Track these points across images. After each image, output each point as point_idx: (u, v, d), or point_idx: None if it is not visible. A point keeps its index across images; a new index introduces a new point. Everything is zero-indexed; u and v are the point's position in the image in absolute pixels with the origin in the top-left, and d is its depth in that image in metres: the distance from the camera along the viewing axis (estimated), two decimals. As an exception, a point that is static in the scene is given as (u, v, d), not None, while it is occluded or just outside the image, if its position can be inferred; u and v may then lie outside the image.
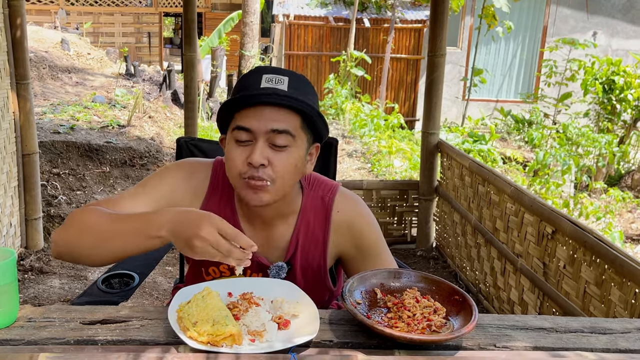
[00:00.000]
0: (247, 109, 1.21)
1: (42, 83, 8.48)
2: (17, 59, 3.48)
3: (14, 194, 3.60)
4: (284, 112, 1.21)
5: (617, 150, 7.34)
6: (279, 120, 1.20)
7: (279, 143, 1.21)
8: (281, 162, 1.22)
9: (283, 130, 1.20)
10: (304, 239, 1.37)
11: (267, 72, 1.23)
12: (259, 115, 1.20)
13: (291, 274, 1.37)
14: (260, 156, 1.20)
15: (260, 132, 1.20)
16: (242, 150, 1.22)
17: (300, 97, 1.22)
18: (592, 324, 1.24)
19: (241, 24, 10.82)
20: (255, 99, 1.20)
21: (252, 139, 1.22)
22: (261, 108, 1.20)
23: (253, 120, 1.20)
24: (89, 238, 1.20)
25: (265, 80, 1.21)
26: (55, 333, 1.09)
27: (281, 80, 1.21)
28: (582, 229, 2.28)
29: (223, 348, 1.05)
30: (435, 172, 4.10)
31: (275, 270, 1.35)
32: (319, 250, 1.38)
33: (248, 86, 1.22)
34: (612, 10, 11.18)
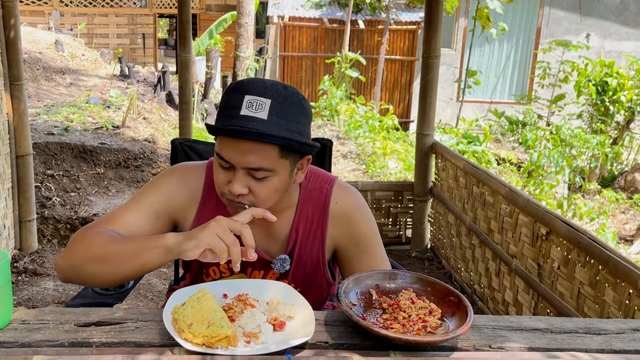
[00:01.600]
0: (226, 138, 1.21)
1: (36, 84, 8.44)
2: (11, 60, 3.47)
3: (8, 196, 3.58)
4: (260, 146, 1.19)
5: (609, 152, 7.38)
6: (254, 155, 1.19)
7: (258, 176, 1.22)
8: (261, 190, 1.23)
9: (257, 168, 1.20)
10: (302, 232, 1.37)
11: (249, 92, 1.18)
12: (235, 148, 1.19)
13: (292, 266, 1.38)
14: (239, 187, 1.21)
15: (238, 165, 1.21)
16: (224, 174, 1.24)
17: (280, 127, 1.18)
18: (587, 325, 1.25)
19: (236, 25, 10.82)
20: (231, 133, 1.18)
21: (231, 166, 1.22)
22: (238, 141, 1.19)
23: (230, 152, 1.20)
24: (93, 261, 1.20)
25: (246, 104, 1.17)
26: (50, 335, 1.09)
27: (262, 106, 1.17)
28: (576, 229, 2.29)
29: (218, 350, 1.05)
30: (430, 174, 4.11)
31: (279, 263, 1.35)
32: (318, 242, 1.38)
33: (230, 108, 1.20)
34: (605, 12, 11.23)
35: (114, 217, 1.29)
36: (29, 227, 3.77)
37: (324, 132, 8.85)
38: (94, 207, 4.75)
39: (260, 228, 1.36)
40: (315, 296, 1.44)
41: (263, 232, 1.37)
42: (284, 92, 1.20)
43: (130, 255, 1.18)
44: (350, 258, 1.41)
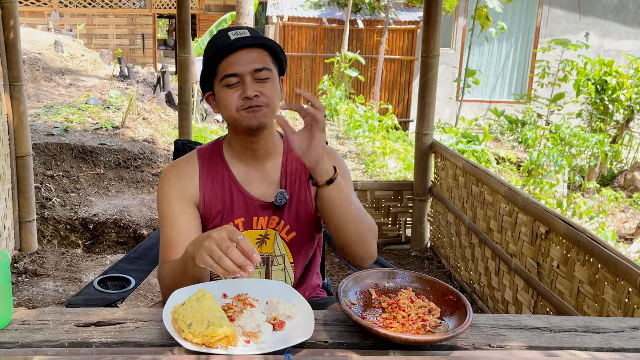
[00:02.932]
0: (228, 58, 1.45)
1: (35, 85, 8.44)
2: (11, 61, 3.47)
3: (8, 197, 3.59)
4: (257, 52, 1.46)
5: (609, 150, 7.38)
6: (257, 60, 1.46)
7: (263, 77, 1.46)
8: (268, 90, 1.46)
9: (263, 67, 1.46)
10: (291, 172, 1.57)
11: (230, 30, 1.48)
12: (240, 60, 1.44)
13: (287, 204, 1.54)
14: (252, 90, 1.44)
15: (246, 73, 1.44)
16: (234, 91, 1.45)
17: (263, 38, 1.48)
18: (586, 324, 1.25)
19: (235, 25, 10.81)
20: (235, 44, 1.44)
21: (240, 81, 1.45)
22: (240, 54, 1.44)
23: (237, 66, 1.44)
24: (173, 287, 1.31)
25: (232, 34, 1.46)
26: (50, 336, 1.09)
27: (244, 32, 1.47)
28: (576, 228, 2.29)
29: (218, 350, 1.05)
30: (430, 173, 4.11)
31: (280, 195, 1.53)
32: (304, 181, 1.57)
33: (221, 42, 1.46)
34: (604, 11, 11.24)
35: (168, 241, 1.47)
36: (29, 228, 3.78)
37: (323, 132, 8.83)
38: (94, 207, 4.75)
39: (255, 172, 1.55)
40: (307, 236, 1.60)
41: (259, 179, 1.55)
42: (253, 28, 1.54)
43: (183, 273, 1.32)
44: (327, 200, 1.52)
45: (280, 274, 1.58)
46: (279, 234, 1.56)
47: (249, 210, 1.53)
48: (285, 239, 1.56)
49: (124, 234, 4.52)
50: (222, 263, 1.13)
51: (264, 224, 1.54)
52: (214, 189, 1.53)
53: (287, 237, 1.56)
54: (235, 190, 1.53)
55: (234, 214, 1.53)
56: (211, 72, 1.48)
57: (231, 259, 1.13)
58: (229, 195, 1.53)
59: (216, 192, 1.52)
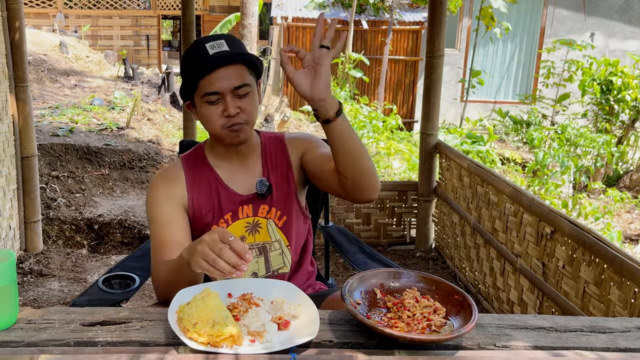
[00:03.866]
0: (208, 76, 1.47)
1: (40, 86, 8.48)
2: (16, 61, 3.48)
3: (13, 197, 3.60)
4: (236, 68, 1.49)
5: (615, 151, 7.35)
6: (235, 76, 1.49)
7: (242, 93, 1.50)
8: (248, 106, 1.52)
9: (242, 84, 1.49)
10: (270, 163, 1.65)
11: (206, 41, 1.50)
12: (219, 77, 1.47)
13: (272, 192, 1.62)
14: (233, 107, 1.49)
15: (226, 91, 1.48)
16: (215, 108, 1.50)
17: (240, 51, 1.51)
18: (592, 323, 1.24)
19: (239, 26, 10.83)
20: (214, 62, 1.46)
21: (220, 98, 1.49)
22: (219, 72, 1.47)
23: (217, 83, 1.47)
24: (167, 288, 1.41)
25: (209, 47, 1.48)
26: (55, 335, 1.09)
27: (221, 44, 1.49)
28: (581, 228, 2.28)
29: (223, 349, 1.05)
30: (434, 173, 4.11)
31: (259, 184, 1.60)
32: (284, 169, 1.66)
33: (200, 56, 1.48)
34: (610, 11, 11.20)
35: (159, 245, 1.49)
36: (34, 228, 3.79)
37: (327, 133, 8.84)
38: (98, 208, 4.76)
39: (239, 172, 1.62)
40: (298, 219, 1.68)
41: (241, 175, 1.62)
42: (228, 35, 1.56)
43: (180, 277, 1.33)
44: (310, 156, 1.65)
45: (278, 258, 1.64)
46: (272, 220, 1.63)
47: (234, 204, 1.60)
48: (277, 224, 1.64)
49: (129, 234, 4.53)
50: (217, 265, 1.14)
51: (249, 211, 1.61)
52: (201, 191, 1.59)
53: (279, 221, 1.64)
54: (221, 190, 1.59)
55: (222, 211, 1.59)
56: (190, 85, 1.52)
57: (225, 259, 1.14)
58: (215, 194, 1.59)
59: (203, 194, 1.59)
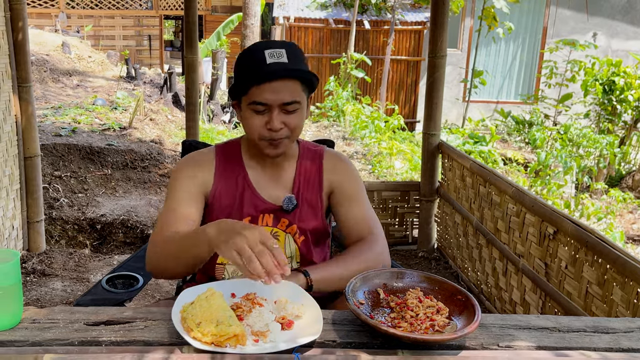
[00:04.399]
0: (260, 85, 1.42)
1: (43, 86, 8.49)
2: (19, 62, 3.49)
3: (16, 197, 3.60)
4: (289, 83, 1.44)
5: (617, 151, 7.34)
6: (288, 92, 1.44)
7: (290, 109, 1.46)
8: (294, 122, 1.48)
9: (292, 101, 1.45)
10: (304, 178, 1.61)
11: (267, 47, 1.44)
12: (271, 90, 1.42)
13: (297, 209, 1.58)
14: (277, 123, 1.45)
15: (275, 104, 1.44)
16: (260, 118, 1.46)
17: (298, 65, 1.45)
18: (595, 324, 1.24)
19: (242, 26, 10.85)
20: (267, 77, 1.41)
21: (267, 109, 1.45)
22: (272, 83, 1.42)
23: (267, 95, 1.43)
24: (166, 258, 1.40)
25: (268, 55, 1.42)
26: (60, 334, 1.09)
27: (281, 54, 1.43)
28: (584, 229, 2.28)
29: (227, 349, 1.05)
30: (437, 173, 4.10)
31: (287, 200, 1.56)
32: (316, 188, 1.61)
33: (256, 63, 1.43)
34: (612, 11, 11.19)
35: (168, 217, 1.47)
36: (37, 228, 3.79)
37: (329, 133, 8.85)
38: (101, 208, 4.77)
39: (270, 177, 1.59)
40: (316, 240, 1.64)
41: (271, 182, 1.59)
42: (290, 43, 1.50)
43: (187, 249, 1.31)
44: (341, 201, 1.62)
45: None
46: (291, 236, 1.59)
47: (256, 210, 1.56)
48: (297, 241, 1.60)
49: (131, 234, 4.53)
50: (251, 264, 1.12)
51: (269, 221, 1.58)
52: (227, 185, 1.56)
53: (298, 239, 1.60)
54: (247, 191, 1.56)
55: (242, 212, 1.56)
56: (241, 88, 1.48)
57: (262, 263, 1.12)
58: (240, 193, 1.56)
59: (228, 189, 1.56)
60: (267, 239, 1.15)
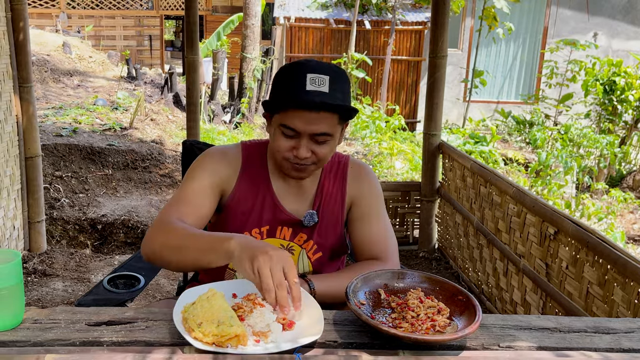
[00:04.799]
0: (294, 110, 1.36)
1: (44, 86, 8.49)
2: (20, 62, 3.49)
3: (17, 197, 3.61)
4: (326, 115, 1.37)
5: (618, 151, 7.34)
6: (321, 123, 1.37)
7: (320, 140, 1.40)
8: (322, 152, 1.42)
9: (323, 133, 1.39)
10: (326, 193, 1.57)
11: (309, 70, 1.36)
12: (304, 118, 1.36)
13: (318, 222, 1.55)
14: (305, 151, 1.39)
15: (305, 133, 1.38)
16: (287, 141, 1.40)
17: (339, 97, 1.37)
18: (596, 324, 1.24)
19: (242, 26, 10.84)
20: (302, 105, 1.34)
21: (297, 135, 1.39)
22: (307, 112, 1.35)
23: (298, 122, 1.36)
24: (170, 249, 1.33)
25: (309, 81, 1.34)
26: (61, 334, 1.09)
27: (323, 81, 1.35)
28: (585, 229, 2.28)
29: (228, 349, 1.05)
30: (437, 174, 4.10)
31: (309, 216, 1.53)
32: (338, 202, 1.57)
33: (294, 85, 1.36)
34: (613, 11, 11.18)
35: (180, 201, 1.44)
36: (38, 228, 3.80)
37: (330, 133, 8.83)
38: (102, 208, 4.77)
39: (292, 190, 1.55)
40: (332, 258, 1.60)
41: (294, 194, 1.55)
42: (336, 69, 1.41)
43: (198, 252, 1.27)
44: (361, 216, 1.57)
45: None
46: (306, 252, 1.55)
47: (275, 220, 1.53)
48: (310, 258, 1.56)
49: (132, 234, 4.54)
50: (267, 293, 1.11)
51: (287, 234, 1.54)
52: (249, 189, 1.52)
53: (313, 256, 1.56)
54: (267, 199, 1.52)
55: (261, 221, 1.52)
56: (274, 106, 1.42)
57: (278, 295, 1.11)
58: (260, 201, 1.52)
59: (249, 193, 1.52)
60: (290, 269, 1.14)
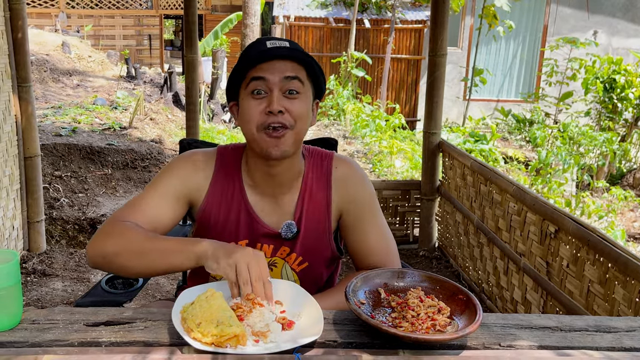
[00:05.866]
0: (259, 65, 1.33)
1: (43, 86, 8.48)
2: (19, 62, 3.49)
3: (16, 197, 3.60)
4: (291, 64, 1.34)
5: (617, 149, 7.33)
6: (289, 69, 1.33)
7: (292, 88, 1.33)
8: (296, 108, 1.34)
9: (294, 76, 1.33)
10: (308, 203, 1.45)
11: (268, 39, 1.37)
12: (271, 67, 1.32)
13: (298, 236, 1.44)
14: (277, 104, 1.31)
15: (275, 81, 1.32)
16: (258, 102, 1.33)
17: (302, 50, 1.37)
18: (597, 323, 1.24)
19: (242, 25, 10.84)
20: (267, 53, 1.32)
21: (267, 91, 1.33)
22: (273, 62, 1.32)
23: (267, 72, 1.32)
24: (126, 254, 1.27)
25: (269, 43, 1.34)
26: (59, 335, 1.09)
27: (283, 43, 1.35)
28: (586, 227, 2.27)
29: (227, 349, 1.04)
30: (437, 172, 4.10)
31: (285, 227, 1.43)
32: (323, 210, 1.46)
33: (254, 48, 1.36)
34: (613, 9, 11.17)
35: (138, 205, 1.37)
36: (37, 228, 3.79)
37: (330, 132, 8.84)
38: (101, 207, 4.77)
39: (269, 202, 1.44)
40: (322, 266, 1.51)
41: (270, 205, 1.44)
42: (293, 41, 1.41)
43: (163, 254, 1.23)
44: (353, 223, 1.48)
45: None
46: (288, 264, 1.47)
47: (253, 235, 1.43)
48: (295, 269, 1.48)
49: (132, 233, 4.52)
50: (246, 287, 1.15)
51: (268, 252, 1.45)
52: (221, 201, 1.43)
53: (298, 267, 1.48)
54: (243, 211, 1.43)
55: (238, 235, 1.43)
56: (239, 77, 1.37)
57: (255, 289, 1.15)
58: (235, 213, 1.43)
59: (222, 205, 1.43)
60: (264, 268, 1.17)
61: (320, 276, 1.54)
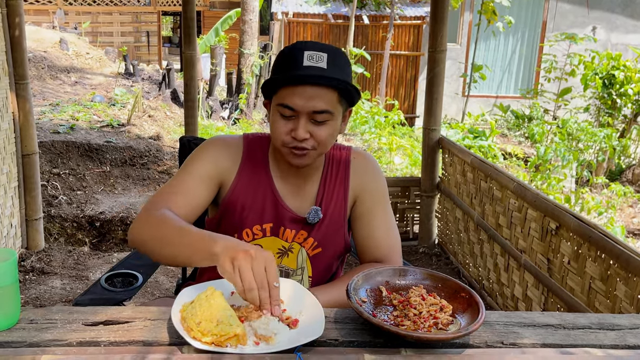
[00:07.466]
0: (291, 87, 1.32)
1: (41, 83, 8.46)
2: (16, 59, 3.47)
3: (14, 195, 3.59)
4: (323, 90, 1.32)
5: (617, 145, 7.33)
6: (319, 99, 1.32)
7: (319, 119, 1.34)
8: (321, 134, 1.36)
9: (323, 110, 1.33)
10: (328, 188, 1.51)
11: (307, 48, 1.33)
12: (301, 94, 1.31)
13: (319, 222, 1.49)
14: (303, 132, 1.34)
15: (303, 111, 1.33)
16: (285, 123, 1.35)
17: (338, 73, 1.33)
18: (600, 320, 1.23)
19: (240, 22, 10.81)
20: (298, 80, 1.31)
21: (295, 115, 1.34)
22: (304, 87, 1.31)
23: (296, 99, 1.31)
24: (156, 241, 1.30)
25: (307, 57, 1.32)
26: (58, 335, 1.08)
27: (321, 58, 1.32)
28: (587, 224, 2.27)
29: (227, 348, 1.03)
30: (437, 169, 4.09)
31: (313, 212, 1.47)
32: (341, 197, 1.51)
33: (291, 63, 1.33)
34: (612, 4, 11.16)
35: (175, 188, 1.41)
36: (35, 226, 3.78)
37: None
38: (100, 205, 4.75)
39: (292, 188, 1.49)
40: (333, 255, 1.55)
41: (294, 192, 1.49)
42: (335, 49, 1.38)
43: (184, 248, 1.24)
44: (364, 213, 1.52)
45: None
46: (304, 248, 1.51)
47: (278, 218, 1.48)
48: (309, 253, 1.51)
49: (131, 231, 4.51)
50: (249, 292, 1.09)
51: (290, 236, 1.49)
52: (249, 184, 1.47)
53: (312, 252, 1.52)
54: (269, 195, 1.47)
55: (263, 218, 1.47)
56: (272, 87, 1.38)
57: (260, 295, 1.09)
58: (261, 197, 1.47)
59: (249, 188, 1.47)
60: (272, 270, 1.11)
61: (330, 266, 1.57)
